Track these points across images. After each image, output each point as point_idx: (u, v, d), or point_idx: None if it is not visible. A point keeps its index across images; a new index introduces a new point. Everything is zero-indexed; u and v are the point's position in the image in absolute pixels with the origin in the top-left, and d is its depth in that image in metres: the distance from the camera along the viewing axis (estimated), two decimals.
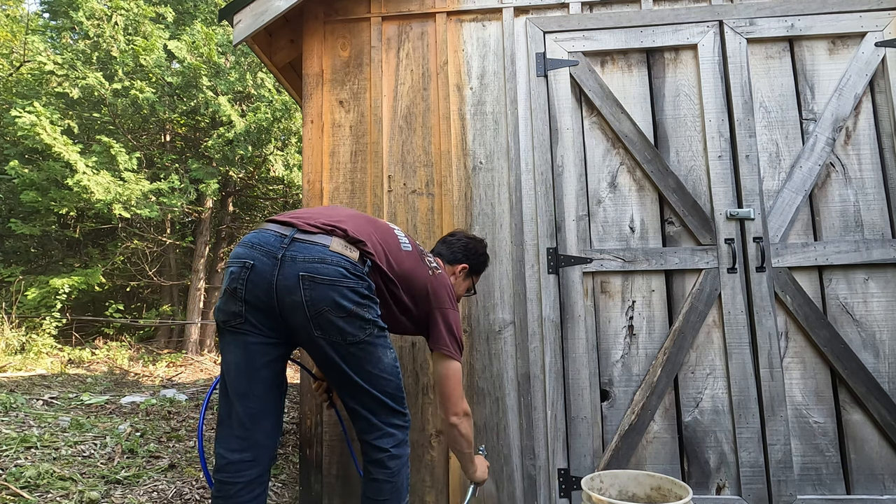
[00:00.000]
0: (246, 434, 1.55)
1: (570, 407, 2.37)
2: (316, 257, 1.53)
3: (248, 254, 1.54)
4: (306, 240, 1.56)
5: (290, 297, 1.51)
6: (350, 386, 1.63)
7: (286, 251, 1.53)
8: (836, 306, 2.37)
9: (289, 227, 1.58)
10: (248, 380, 1.56)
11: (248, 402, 1.55)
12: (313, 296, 1.51)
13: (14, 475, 2.45)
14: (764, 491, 2.25)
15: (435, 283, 1.88)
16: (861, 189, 2.42)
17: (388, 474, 1.64)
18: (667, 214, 2.49)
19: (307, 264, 1.52)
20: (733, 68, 2.50)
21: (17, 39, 9.30)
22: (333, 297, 1.52)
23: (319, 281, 1.52)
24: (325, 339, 1.55)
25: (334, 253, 1.56)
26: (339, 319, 1.54)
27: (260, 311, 1.54)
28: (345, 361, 1.59)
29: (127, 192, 7.22)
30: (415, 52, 2.70)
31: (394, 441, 1.67)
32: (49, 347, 6.86)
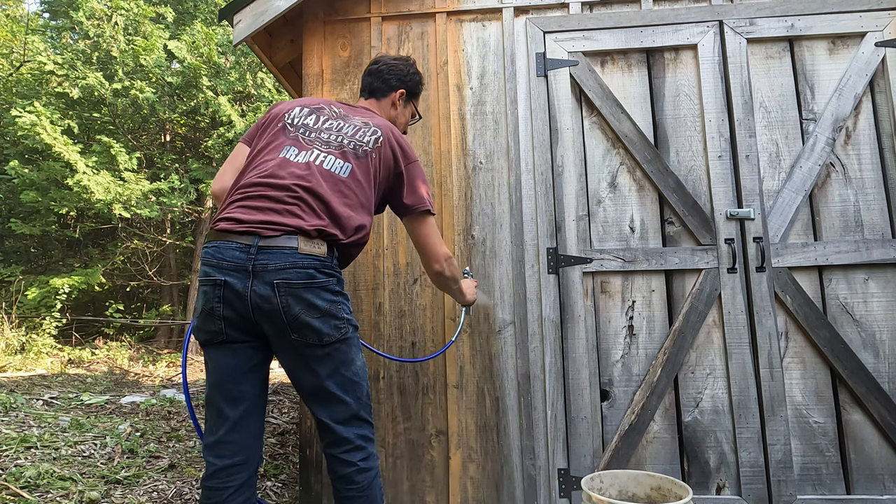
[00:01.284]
0: (236, 438, 1.55)
1: (570, 407, 2.38)
2: (287, 263, 1.52)
3: (216, 272, 1.53)
4: (272, 245, 1.53)
5: (266, 304, 1.51)
6: (322, 394, 1.60)
7: (255, 262, 1.51)
8: (836, 306, 2.37)
9: (250, 237, 1.54)
10: (238, 384, 1.57)
11: (238, 406, 1.56)
12: (289, 301, 1.51)
13: (14, 475, 2.45)
14: (764, 491, 2.26)
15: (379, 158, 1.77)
16: (861, 189, 2.42)
17: (358, 489, 1.59)
18: (667, 214, 2.49)
19: (279, 272, 1.51)
20: (733, 68, 2.50)
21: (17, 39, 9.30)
22: (308, 297, 1.53)
23: (294, 285, 1.52)
24: (301, 341, 1.54)
25: (304, 255, 1.54)
26: (315, 320, 1.53)
27: (239, 324, 1.54)
28: (319, 364, 1.57)
29: (127, 192, 7.23)
30: (415, 52, 2.70)
31: (363, 454, 1.62)
32: (49, 347, 6.86)
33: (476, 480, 2.40)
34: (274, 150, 1.69)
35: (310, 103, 1.83)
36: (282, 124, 1.75)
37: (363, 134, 1.76)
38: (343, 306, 1.62)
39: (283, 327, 1.52)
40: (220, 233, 1.57)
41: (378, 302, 2.54)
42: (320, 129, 1.74)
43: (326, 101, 1.86)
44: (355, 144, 1.73)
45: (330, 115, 1.80)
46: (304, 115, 1.78)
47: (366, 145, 1.74)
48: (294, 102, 1.85)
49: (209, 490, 1.53)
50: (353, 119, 1.80)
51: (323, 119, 1.78)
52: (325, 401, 1.60)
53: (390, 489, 2.43)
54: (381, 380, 2.50)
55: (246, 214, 1.56)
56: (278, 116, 1.79)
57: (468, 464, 2.41)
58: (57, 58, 7.87)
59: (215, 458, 1.54)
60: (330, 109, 1.82)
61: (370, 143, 1.75)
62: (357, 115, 1.83)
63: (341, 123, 1.77)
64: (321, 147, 1.70)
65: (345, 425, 1.60)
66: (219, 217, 1.62)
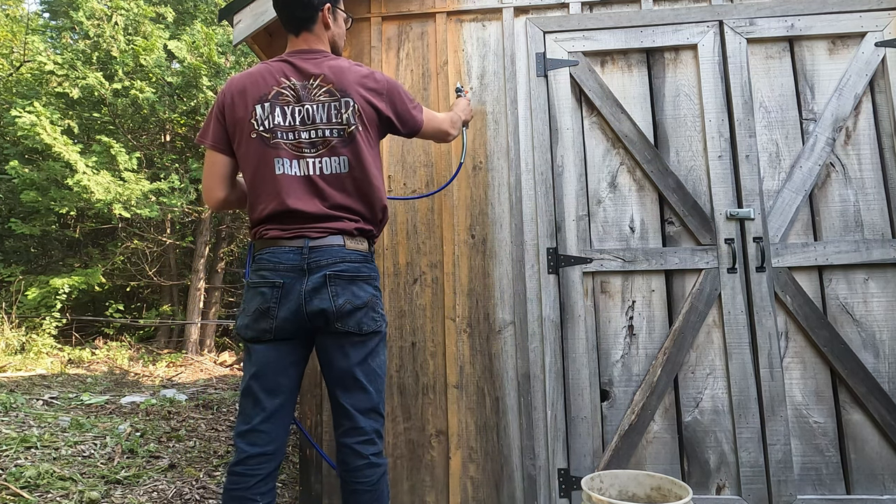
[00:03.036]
0: (269, 428, 1.63)
1: (570, 407, 2.38)
2: (337, 257, 1.65)
3: (275, 275, 1.64)
4: (321, 245, 1.65)
5: (317, 297, 1.62)
6: (349, 380, 1.68)
7: (308, 261, 1.63)
8: (836, 306, 2.37)
9: (300, 240, 1.65)
10: (277, 377, 1.65)
11: (276, 397, 1.64)
12: (338, 290, 1.63)
13: (14, 475, 2.45)
14: (764, 491, 2.26)
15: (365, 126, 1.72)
16: (861, 189, 2.42)
17: (368, 484, 1.64)
18: (667, 214, 2.49)
19: (331, 266, 1.64)
20: (733, 68, 2.50)
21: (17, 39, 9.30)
22: (354, 289, 1.65)
23: (343, 277, 1.64)
24: (342, 330, 1.65)
25: (351, 251, 1.68)
26: (359, 311, 1.66)
27: (290, 322, 1.64)
28: (353, 350, 1.67)
29: (127, 192, 7.23)
30: (415, 52, 2.70)
31: (375, 449, 1.68)
32: (49, 347, 6.86)
33: (476, 480, 2.40)
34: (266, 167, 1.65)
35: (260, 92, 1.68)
36: (256, 135, 1.66)
37: (337, 111, 1.68)
38: (380, 302, 1.75)
39: (331, 316, 1.62)
40: (270, 240, 1.67)
41: None
42: (295, 128, 1.66)
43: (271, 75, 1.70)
44: (338, 131, 1.68)
45: (290, 99, 1.68)
46: (269, 114, 1.67)
47: (347, 125, 1.68)
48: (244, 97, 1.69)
49: (238, 476, 1.59)
50: (313, 92, 1.68)
51: (289, 111, 1.67)
52: (350, 387, 1.68)
53: (390, 489, 2.43)
54: None
55: (291, 224, 1.67)
56: (243, 121, 1.68)
57: (468, 464, 2.41)
58: (57, 58, 7.87)
59: (248, 446, 1.61)
60: (283, 91, 1.68)
61: (350, 119, 1.68)
62: (313, 82, 1.69)
63: (308, 108, 1.67)
64: (311, 151, 1.67)
65: (364, 415, 1.67)
66: (263, 229, 1.69)
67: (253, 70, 1.75)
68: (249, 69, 1.77)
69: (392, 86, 1.80)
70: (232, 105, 1.70)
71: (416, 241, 2.57)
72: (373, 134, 1.75)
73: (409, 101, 1.85)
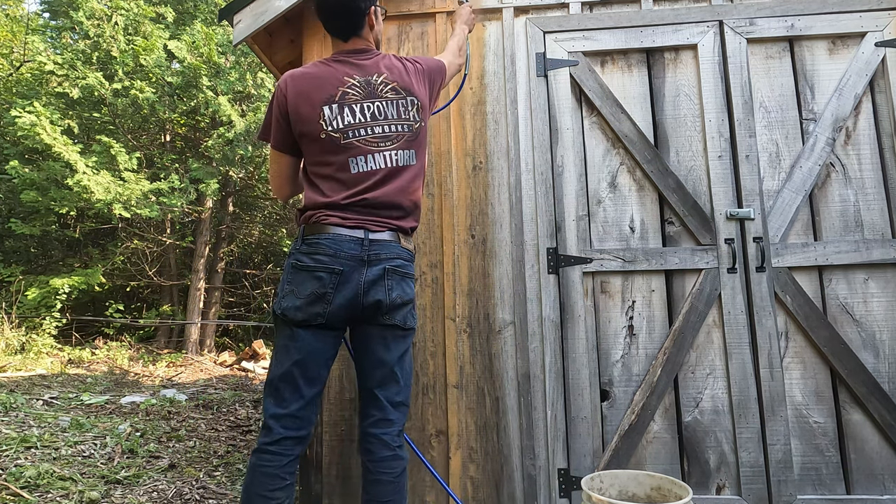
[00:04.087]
0: (305, 414, 1.70)
1: (570, 407, 2.38)
2: (394, 253, 1.74)
3: (333, 261, 1.69)
4: (381, 240, 1.74)
5: (373, 288, 1.70)
6: (387, 372, 1.76)
7: (369, 253, 1.71)
8: (836, 306, 2.37)
9: (359, 230, 1.72)
10: (319, 367, 1.72)
11: (315, 386, 1.72)
12: (393, 285, 1.73)
13: (14, 475, 2.45)
14: (764, 491, 2.26)
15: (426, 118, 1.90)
16: (861, 189, 2.42)
17: (392, 475, 1.70)
18: (667, 214, 2.49)
19: (389, 260, 1.73)
20: (733, 68, 2.50)
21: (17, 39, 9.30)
22: (404, 285, 1.76)
23: (400, 273, 1.75)
24: (389, 323, 1.74)
25: (403, 249, 1.79)
26: (405, 307, 1.77)
27: (343, 309, 1.70)
28: (395, 343, 1.77)
29: (127, 191, 7.23)
30: (415, 52, 2.70)
31: (400, 442, 1.75)
32: (49, 347, 6.86)
33: (476, 480, 2.40)
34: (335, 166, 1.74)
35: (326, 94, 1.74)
36: (325, 136, 1.72)
37: (405, 109, 1.82)
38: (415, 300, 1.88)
39: (384, 308, 1.72)
40: (328, 226, 1.71)
41: None
42: (367, 124, 1.76)
43: (334, 76, 1.77)
44: (408, 126, 1.81)
45: (357, 97, 1.76)
46: (338, 115, 1.73)
47: (414, 121, 1.83)
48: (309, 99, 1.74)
49: (272, 455, 1.64)
50: (379, 89, 1.79)
51: (358, 109, 1.75)
52: (387, 379, 1.76)
53: None
54: None
55: (353, 215, 1.73)
56: (311, 122, 1.73)
57: (468, 464, 2.41)
58: (57, 58, 7.87)
59: (283, 429, 1.66)
60: (349, 91, 1.76)
61: (416, 115, 1.84)
62: (377, 79, 1.80)
63: (377, 104, 1.78)
64: (386, 145, 1.77)
65: (395, 408, 1.76)
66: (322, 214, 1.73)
67: (310, 70, 1.80)
68: (305, 68, 1.83)
69: (429, 66, 1.94)
70: (296, 108, 1.75)
71: (416, 241, 2.57)
72: (427, 120, 1.89)
73: (436, 65, 1.98)
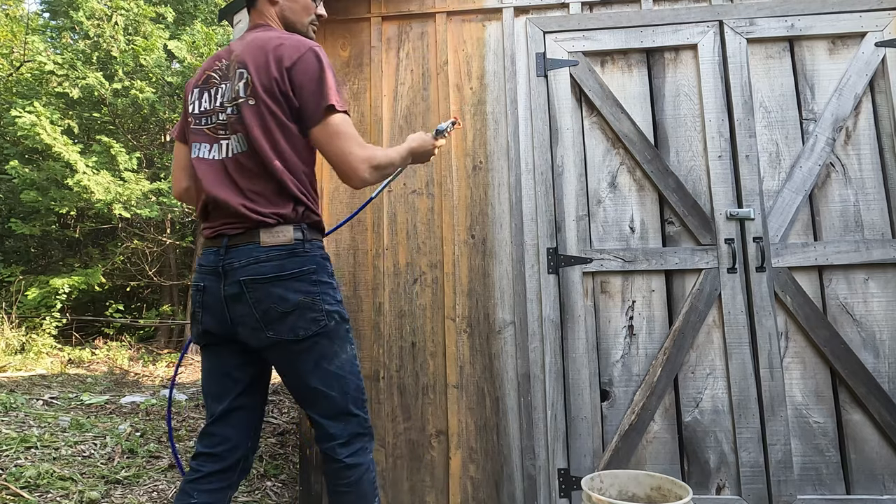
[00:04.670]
0: (217, 430, 1.59)
1: (570, 407, 2.38)
2: (251, 259, 1.48)
3: (200, 277, 1.57)
4: (237, 244, 1.50)
5: (237, 304, 1.49)
6: (305, 391, 1.55)
7: (224, 263, 1.50)
8: (836, 306, 2.37)
9: (220, 238, 1.54)
10: (216, 383, 1.60)
11: (220, 402, 1.59)
12: (258, 296, 1.47)
13: (14, 475, 2.45)
14: (764, 491, 2.26)
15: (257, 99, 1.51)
16: (861, 189, 2.42)
17: (347, 484, 1.54)
18: (667, 214, 2.49)
19: (245, 268, 1.48)
20: (733, 68, 2.50)
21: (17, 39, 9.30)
22: (278, 292, 1.47)
23: (261, 280, 1.47)
24: (277, 338, 1.49)
25: (267, 248, 1.48)
26: (290, 316, 1.47)
27: (216, 327, 1.55)
28: (298, 360, 1.51)
29: (127, 191, 7.23)
30: (415, 52, 2.70)
31: (350, 450, 1.55)
32: (49, 347, 6.86)
33: (476, 480, 2.40)
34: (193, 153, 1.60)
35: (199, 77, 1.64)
36: (191, 119, 1.62)
37: (238, 86, 1.52)
38: (324, 296, 1.51)
39: (258, 324, 1.48)
40: (205, 240, 1.63)
41: (378, 302, 2.54)
42: (215, 111, 1.57)
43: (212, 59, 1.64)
44: (236, 108, 1.52)
45: (217, 81, 1.59)
46: (198, 99, 1.61)
47: (241, 98, 1.51)
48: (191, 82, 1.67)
49: (190, 470, 1.59)
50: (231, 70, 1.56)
51: (212, 93, 1.59)
52: (309, 397, 1.56)
53: (390, 489, 2.43)
54: (381, 380, 2.50)
55: (210, 222, 1.58)
56: (185, 106, 1.66)
57: (468, 464, 2.41)
58: (57, 58, 7.87)
59: (198, 444, 1.61)
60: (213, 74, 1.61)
61: (240, 91, 1.51)
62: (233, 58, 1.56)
63: (224, 87, 1.57)
64: (223, 133, 1.55)
65: (333, 420, 1.55)
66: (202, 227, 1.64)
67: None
68: None
69: (306, 60, 1.50)
70: (186, 94, 1.68)
71: (416, 241, 2.57)
72: (273, 107, 1.49)
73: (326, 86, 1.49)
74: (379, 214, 2.59)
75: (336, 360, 1.53)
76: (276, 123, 1.50)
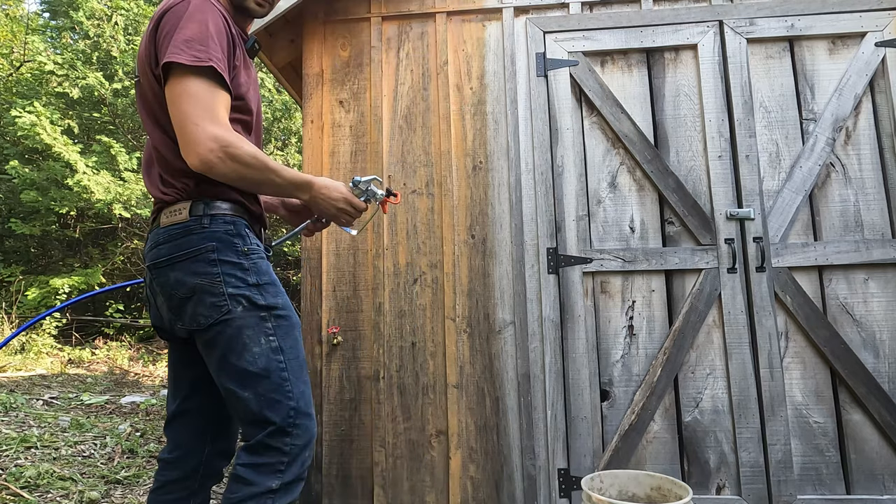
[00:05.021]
0: (171, 435, 1.46)
1: (570, 407, 2.37)
2: (153, 242, 1.35)
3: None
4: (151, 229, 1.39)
5: (154, 294, 1.38)
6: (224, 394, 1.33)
7: (146, 251, 1.39)
8: (836, 306, 2.37)
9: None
10: (171, 383, 1.50)
11: (174, 401, 1.47)
12: (161, 282, 1.32)
13: (14, 475, 2.45)
14: (764, 491, 2.26)
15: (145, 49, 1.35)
16: (861, 189, 2.42)
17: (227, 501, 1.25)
18: (667, 214, 2.49)
19: (149, 253, 1.36)
20: (733, 68, 2.49)
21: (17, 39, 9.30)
22: (175, 276, 1.30)
23: (161, 265, 1.32)
24: (186, 328, 1.32)
25: (164, 228, 1.33)
26: (189, 302, 1.29)
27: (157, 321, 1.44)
28: (206, 353, 1.32)
29: (127, 191, 7.22)
30: (415, 52, 2.70)
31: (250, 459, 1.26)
32: (49, 347, 6.86)
33: (476, 480, 2.40)
34: None
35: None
36: None
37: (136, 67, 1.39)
38: (226, 278, 1.29)
39: (168, 315, 1.35)
40: None
41: (378, 302, 2.54)
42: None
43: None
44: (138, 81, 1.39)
45: None
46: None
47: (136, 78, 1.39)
48: None
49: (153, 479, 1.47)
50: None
51: None
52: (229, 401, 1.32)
53: (390, 489, 2.43)
54: (382, 380, 2.50)
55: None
56: None
57: (468, 464, 2.41)
58: (57, 58, 7.87)
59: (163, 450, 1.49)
60: None
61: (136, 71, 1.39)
62: None
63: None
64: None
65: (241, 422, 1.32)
66: None
67: None
68: None
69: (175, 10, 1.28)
70: None
71: (416, 241, 2.57)
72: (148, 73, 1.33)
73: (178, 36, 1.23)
74: (378, 215, 2.59)
75: (247, 355, 1.28)
76: (152, 93, 1.33)
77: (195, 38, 1.22)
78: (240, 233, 1.34)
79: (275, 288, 1.36)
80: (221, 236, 1.31)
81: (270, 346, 1.30)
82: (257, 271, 1.33)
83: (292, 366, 1.32)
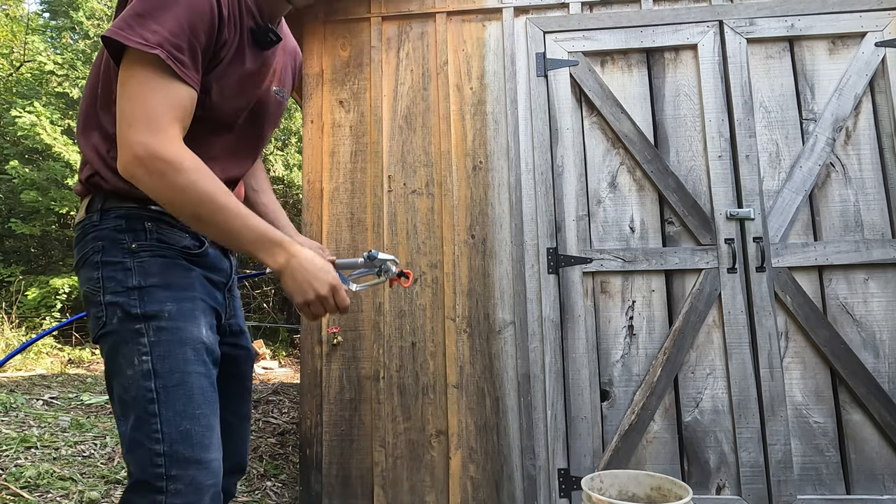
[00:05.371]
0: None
1: (570, 407, 2.37)
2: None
3: None
4: None
5: None
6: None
7: None
8: (836, 306, 2.37)
9: None
10: None
11: None
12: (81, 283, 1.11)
13: (14, 475, 2.45)
14: (764, 491, 2.25)
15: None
16: (861, 189, 2.42)
17: None
18: (667, 214, 2.49)
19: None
20: (733, 68, 2.49)
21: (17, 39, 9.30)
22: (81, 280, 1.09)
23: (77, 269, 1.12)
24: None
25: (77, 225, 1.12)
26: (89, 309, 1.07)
27: None
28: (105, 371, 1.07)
29: None
30: (415, 52, 2.70)
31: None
32: (49, 347, 6.86)
33: (476, 480, 2.40)
34: None
35: None
36: None
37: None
38: (105, 282, 1.03)
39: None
40: None
41: (378, 302, 2.54)
42: None
43: None
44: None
45: None
46: None
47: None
48: None
49: None
50: None
51: None
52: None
53: (390, 489, 2.43)
54: (382, 380, 2.50)
55: None
56: None
57: (468, 464, 2.41)
58: (57, 58, 7.88)
59: None
60: None
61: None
62: None
63: None
64: None
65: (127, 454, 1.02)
66: None
67: None
68: None
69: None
70: None
71: (416, 241, 2.57)
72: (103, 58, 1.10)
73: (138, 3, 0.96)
74: (379, 214, 2.59)
75: (120, 378, 1.01)
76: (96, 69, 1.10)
77: (150, 14, 0.94)
78: (132, 227, 1.06)
79: (166, 292, 1.04)
80: (108, 234, 1.05)
81: (142, 370, 0.99)
82: (143, 271, 1.03)
83: (170, 396, 0.99)
